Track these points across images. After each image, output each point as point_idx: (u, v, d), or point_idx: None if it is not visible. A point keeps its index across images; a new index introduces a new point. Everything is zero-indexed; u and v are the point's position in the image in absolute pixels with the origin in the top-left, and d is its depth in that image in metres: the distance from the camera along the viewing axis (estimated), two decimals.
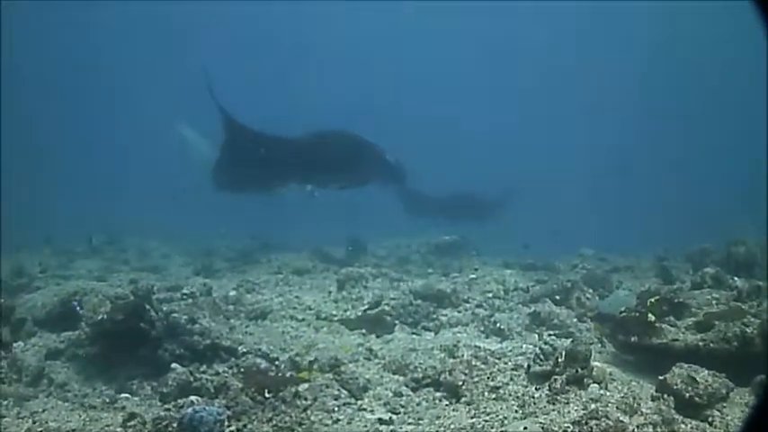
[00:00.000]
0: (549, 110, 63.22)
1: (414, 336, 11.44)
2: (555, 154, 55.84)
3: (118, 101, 55.37)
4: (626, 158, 50.61)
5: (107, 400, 8.05)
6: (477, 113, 64.32)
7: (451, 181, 27.82)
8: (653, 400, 7.17)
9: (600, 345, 10.56)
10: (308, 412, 7.26)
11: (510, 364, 8.31)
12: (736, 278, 12.20)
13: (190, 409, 6.67)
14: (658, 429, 6.52)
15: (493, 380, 7.85)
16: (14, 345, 9.52)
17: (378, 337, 11.21)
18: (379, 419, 7.24)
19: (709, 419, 6.99)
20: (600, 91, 59.26)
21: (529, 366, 7.96)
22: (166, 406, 7.33)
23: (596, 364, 8.06)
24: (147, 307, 9.26)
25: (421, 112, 59.90)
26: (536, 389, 7.51)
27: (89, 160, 48.51)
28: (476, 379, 7.89)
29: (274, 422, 6.92)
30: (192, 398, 7.31)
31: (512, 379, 7.86)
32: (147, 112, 48.00)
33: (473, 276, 14.47)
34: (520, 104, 64.72)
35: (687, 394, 7.13)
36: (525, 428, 6.33)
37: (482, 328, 11.75)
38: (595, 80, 59.62)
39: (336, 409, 7.53)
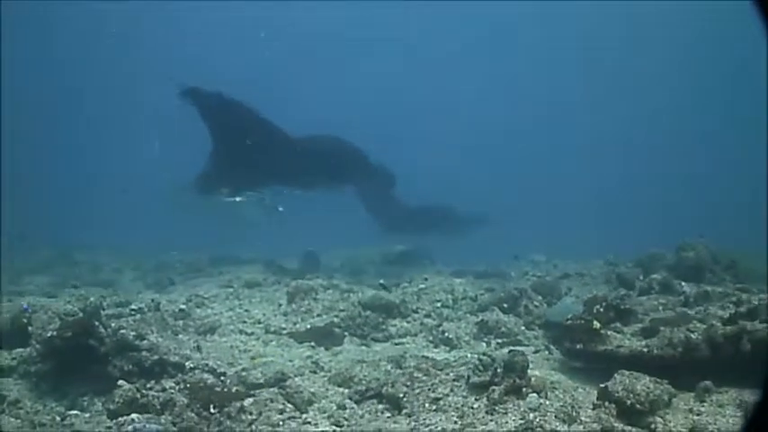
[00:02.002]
0: (548, 113, 63.30)
1: (363, 347, 11.45)
2: (552, 158, 56.01)
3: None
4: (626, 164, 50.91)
5: (57, 418, 7.98)
6: (465, 122, 64.40)
7: (438, 193, 27.77)
8: (594, 408, 7.21)
9: (547, 352, 10.61)
10: (253, 427, 7.26)
11: (452, 374, 8.33)
12: (683, 283, 12.27)
13: (130, 427, 6.64)
14: None
15: (434, 391, 7.87)
16: None
17: (326, 349, 11.18)
18: None
19: (651, 426, 7.01)
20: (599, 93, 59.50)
21: (468, 377, 7.98)
22: (106, 424, 7.30)
23: (536, 373, 8.11)
24: (96, 323, 9.16)
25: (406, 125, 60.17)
26: (475, 399, 7.54)
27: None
28: (417, 390, 7.91)
29: None
30: (134, 416, 7.27)
31: (452, 390, 7.87)
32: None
33: (422, 286, 14.44)
34: (512, 108, 64.81)
35: (628, 401, 7.16)
36: None
37: (430, 338, 11.76)
38: (594, 83, 59.88)
39: (281, 423, 7.50)
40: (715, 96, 53.46)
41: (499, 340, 11.47)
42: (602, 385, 7.49)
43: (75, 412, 8.16)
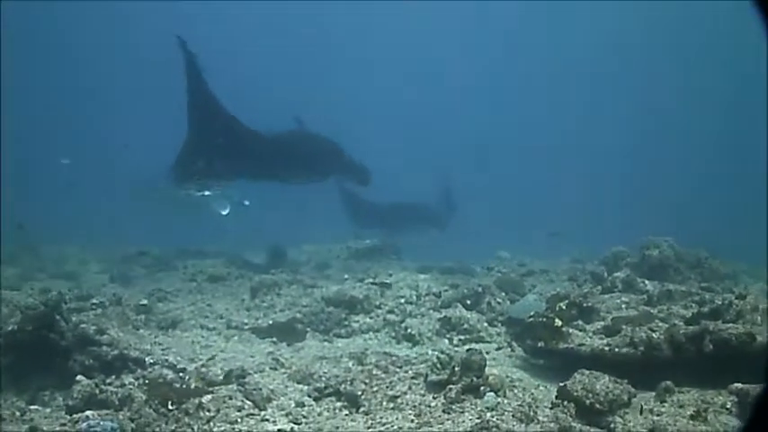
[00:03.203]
0: (544, 110, 63.25)
1: (325, 343, 11.41)
2: (550, 158, 56.05)
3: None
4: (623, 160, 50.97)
5: (17, 413, 7.88)
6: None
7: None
8: (552, 408, 7.18)
9: (509, 349, 10.59)
10: (211, 424, 7.19)
11: (411, 372, 8.32)
12: (647, 282, 12.26)
13: (84, 424, 6.58)
14: None
15: (392, 389, 7.85)
16: None
17: (288, 345, 11.15)
18: (279, 430, 7.18)
19: (611, 426, 6.98)
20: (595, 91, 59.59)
21: (426, 375, 7.94)
22: (63, 420, 7.22)
23: (494, 371, 8.07)
24: (57, 317, 9.08)
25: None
26: (433, 398, 7.52)
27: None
28: (375, 388, 7.89)
29: None
30: (88, 413, 7.20)
31: (410, 388, 7.86)
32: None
33: (386, 282, 14.37)
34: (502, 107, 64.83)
35: (587, 401, 7.14)
36: None
37: (393, 334, 11.75)
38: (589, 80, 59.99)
39: (239, 420, 7.44)
40: (716, 97, 53.52)
41: (462, 337, 11.46)
42: (561, 384, 7.46)
43: (35, 407, 8.07)
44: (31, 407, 8.06)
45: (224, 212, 17.15)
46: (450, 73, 66.28)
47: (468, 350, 8.11)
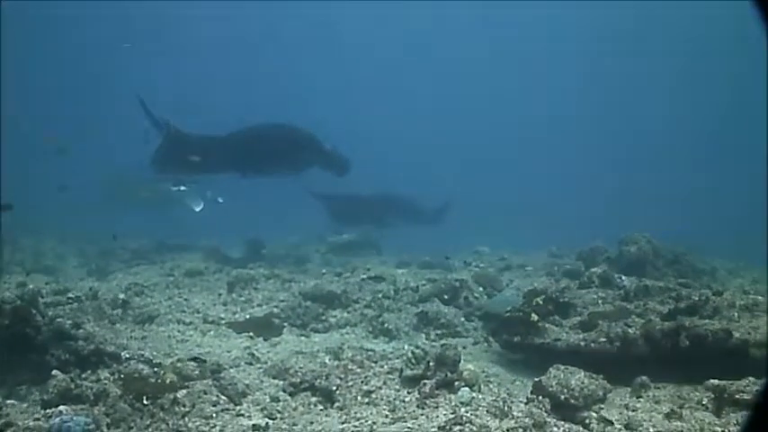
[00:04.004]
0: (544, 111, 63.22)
1: (302, 338, 11.38)
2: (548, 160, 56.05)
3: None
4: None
5: None
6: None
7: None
8: (527, 403, 7.17)
9: (486, 344, 10.60)
10: (186, 419, 7.16)
11: (386, 367, 8.31)
12: (623, 277, 12.28)
13: (57, 419, 6.55)
14: None
15: (367, 384, 7.83)
16: None
17: (265, 340, 11.09)
18: (254, 425, 7.14)
19: (586, 421, 6.97)
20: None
21: (401, 370, 7.94)
22: (38, 415, 7.18)
23: (469, 366, 8.05)
24: (34, 311, 9.04)
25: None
26: (407, 393, 7.51)
27: None
28: (350, 383, 7.86)
29: (151, 429, 6.85)
30: (62, 407, 7.15)
31: (385, 383, 7.84)
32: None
33: (364, 276, 14.36)
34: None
35: (562, 396, 7.15)
36: None
37: (370, 329, 11.73)
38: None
39: (214, 415, 7.40)
40: (715, 98, 53.54)
41: (438, 331, 11.48)
42: (536, 379, 7.47)
43: (11, 402, 8.02)
44: (8, 401, 8.01)
45: (197, 209, 17.20)
46: (450, 72, 66.31)
47: (442, 345, 8.13)
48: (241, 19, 57.19)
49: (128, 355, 9.23)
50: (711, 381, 7.24)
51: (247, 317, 11.96)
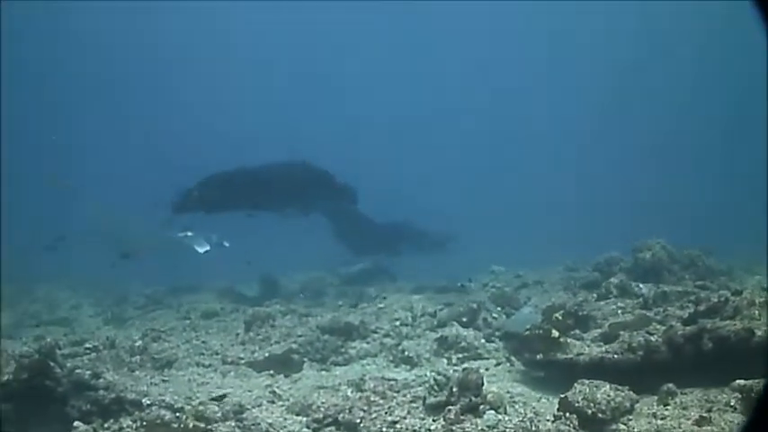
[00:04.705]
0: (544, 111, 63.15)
1: (323, 372, 11.31)
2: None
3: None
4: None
5: None
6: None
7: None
8: (554, 420, 7.09)
9: (508, 364, 10.53)
10: None
11: (409, 396, 8.27)
12: (641, 285, 12.24)
13: None
14: None
15: (391, 414, 7.77)
16: None
17: (286, 377, 11.02)
18: None
19: None
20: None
21: (425, 398, 7.87)
22: None
23: (492, 389, 7.98)
24: (52, 364, 9.01)
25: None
26: (433, 420, 7.44)
27: None
28: (374, 415, 7.79)
29: None
30: None
31: (409, 412, 7.78)
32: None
33: (381, 306, 14.32)
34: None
35: (590, 411, 7.07)
36: None
37: (390, 358, 11.67)
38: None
39: None
40: (715, 98, 53.46)
41: (460, 355, 11.38)
42: (561, 396, 7.39)
43: None
44: None
45: (202, 251, 17.22)
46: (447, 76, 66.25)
47: (464, 369, 8.06)
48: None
49: (149, 402, 9.17)
50: (738, 381, 7.14)
51: (266, 355, 11.88)
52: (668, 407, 7.55)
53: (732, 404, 7.12)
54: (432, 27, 59.17)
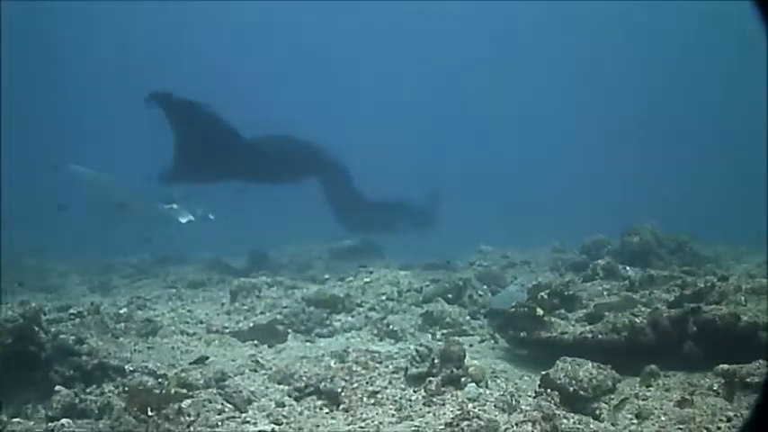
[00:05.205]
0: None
1: (307, 343, 11.31)
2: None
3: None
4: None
5: None
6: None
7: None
8: (535, 397, 7.11)
9: (493, 341, 10.54)
10: (192, 428, 7.09)
11: (391, 367, 8.27)
12: (628, 268, 12.29)
13: None
14: (538, 426, 6.42)
15: (372, 384, 7.79)
16: None
17: (270, 347, 11.01)
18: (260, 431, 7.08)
19: (596, 412, 6.90)
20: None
21: (406, 369, 7.88)
22: (40, 431, 7.14)
23: (474, 362, 7.99)
24: (36, 329, 8.98)
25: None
26: (414, 391, 7.47)
27: None
28: (355, 385, 7.82)
29: None
30: (63, 421, 7.12)
31: (390, 382, 7.81)
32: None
33: (367, 280, 14.29)
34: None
35: (571, 388, 7.08)
36: None
37: (375, 332, 11.63)
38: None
39: (220, 423, 7.34)
40: (715, 98, 53.53)
41: (444, 331, 11.36)
42: (543, 372, 7.39)
43: (17, 420, 7.98)
44: (14, 420, 7.96)
45: (184, 221, 17.25)
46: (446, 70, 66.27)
47: (446, 341, 8.06)
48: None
49: (132, 368, 9.13)
50: (721, 366, 7.16)
51: (251, 325, 11.88)
52: (651, 388, 7.54)
53: (715, 388, 7.10)
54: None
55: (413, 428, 6.50)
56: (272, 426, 7.34)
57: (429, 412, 6.94)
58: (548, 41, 60.65)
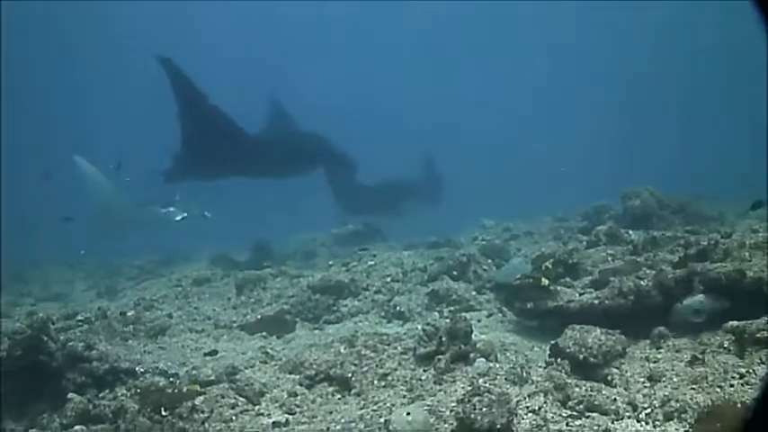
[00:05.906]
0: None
1: (315, 331, 11.31)
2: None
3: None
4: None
5: None
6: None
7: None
8: (546, 367, 7.11)
9: (500, 314, 10.53)
10: (206, 425, 7.11)
11: (399, 348, 8.27)
12: (630, 232, 12.24)
13: None
14: (550, 396, 6.42)
15: (382, 367, 7.81)
16: None
17: (279, 338, 11.03)
18: (274, 423, 7.08)
19: (608, 378, 6.90)
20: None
21: (415, 349, 7.86)
22: None
23: (482, 337, 8.01)
24: (45, 338, 8.96)
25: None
26: (423, 371, 7.47)
27: None
28: (365, 368, 7.83)
29: None
30: (77, 428, 7.13)
31: (400, 364, 7.82)
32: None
33: (371, 263, 14.26)
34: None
35: (581, 356, 7.07)
36: (408, 414, 6.15)
37: (382, 314, 11.67)
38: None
39: (234, 417, 7.35)
40: (715, 98, 53.44)
41: (451, 308, 11.36)
42: (552, 342, 7.38)
43: (34, 430, 8.00)
44: (31, 430, 7.99)
45: (178, 219, 17.27)
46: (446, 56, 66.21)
47: (452, 318, 8.04)
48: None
49: (143, 370, 9.14)
50: (730, 323, 7.13)
51: (258, 317, 11.86)
52: (661, 350, 7.53)
53: (725, 346, 7.07)
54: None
55: (425, 407, 6.49)
56: (286, 416, 7.35)
57: (440, 390, 6.94)
58: None
